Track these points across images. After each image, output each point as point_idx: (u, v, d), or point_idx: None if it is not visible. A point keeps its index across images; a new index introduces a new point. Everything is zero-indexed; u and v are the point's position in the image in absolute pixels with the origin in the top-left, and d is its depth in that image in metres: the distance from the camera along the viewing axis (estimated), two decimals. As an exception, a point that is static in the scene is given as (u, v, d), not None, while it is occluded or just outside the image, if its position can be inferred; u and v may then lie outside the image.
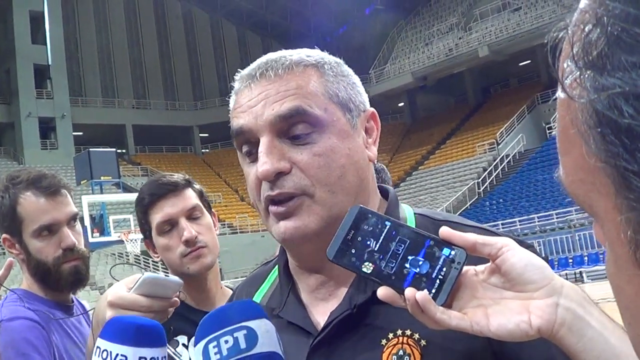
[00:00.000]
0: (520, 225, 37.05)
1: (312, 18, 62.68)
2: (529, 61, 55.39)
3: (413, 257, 1.20)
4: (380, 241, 1.21)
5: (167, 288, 1.82)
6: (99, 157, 37.17)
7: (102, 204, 34.92)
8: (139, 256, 35.35)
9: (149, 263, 34.70)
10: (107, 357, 1.43)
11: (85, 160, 36.92)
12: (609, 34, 0.56)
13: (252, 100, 1.44)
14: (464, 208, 43.59)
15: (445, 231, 1.22)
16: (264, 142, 1.41)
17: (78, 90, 59.78)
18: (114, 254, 39.85)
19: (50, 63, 55.54)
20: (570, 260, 31.67)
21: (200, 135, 65.45)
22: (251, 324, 1.29)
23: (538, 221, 36.68)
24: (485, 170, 46.85)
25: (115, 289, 1.84)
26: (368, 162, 1.52)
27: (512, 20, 51.89)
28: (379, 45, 62.00)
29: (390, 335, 1.38)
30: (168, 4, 66.05)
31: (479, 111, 57.15)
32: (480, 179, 45.92)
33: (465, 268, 1.21)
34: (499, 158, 47.27)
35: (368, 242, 1.21)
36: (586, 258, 31.36)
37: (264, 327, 1.30)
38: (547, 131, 47.83)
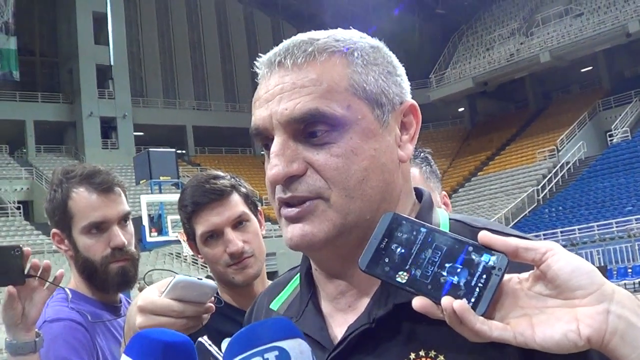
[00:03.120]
0: (579, 233, 36.52)
1: (374, 21, 62.58)
2: (590, 67, 54.81)
3: (450, 264, 1.11)
4: (415, 249, 1.13)
5: (201, 292, 1.72)
6: (158, 157, 37.24)
7: (160, 203, 35.04)
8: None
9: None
10: None
11: (144, 160, 37.03)
12: None
13: (268, 93, 1.32)
14: (522, 215, 43.14)
15: (484, 236, 1.12)
16: (276, 142, 1.29)
17: (139, 90, 60.35)
18: (172, 254, 40.14)
19: (112, 63, 56.24)
20: (630, 270, 31.08)
21: (260, 137, 65.25)
22: (284, 344, 1.16)
23: (597, 230, 36.10)
24: (544, 177, 46.30)
25: (146, 293, 1.73)
26: (397, 164, 1.35)
27: (574, 25, 51.23)
28: (440, 49, 61.76)
29: (412, 356, 1.24)
30: (230, 6, 66.49)
31: (539, 117, 56.47)
32: (540, 186, 45.36)
33: (508, 276, 1.11)
34: (559, 165, 46.70)
35: (402, 251, 1.13)
36: (646, 268, 30.82)
37: (297, 348, 1.17)
38: (608, 138, 47.16)
